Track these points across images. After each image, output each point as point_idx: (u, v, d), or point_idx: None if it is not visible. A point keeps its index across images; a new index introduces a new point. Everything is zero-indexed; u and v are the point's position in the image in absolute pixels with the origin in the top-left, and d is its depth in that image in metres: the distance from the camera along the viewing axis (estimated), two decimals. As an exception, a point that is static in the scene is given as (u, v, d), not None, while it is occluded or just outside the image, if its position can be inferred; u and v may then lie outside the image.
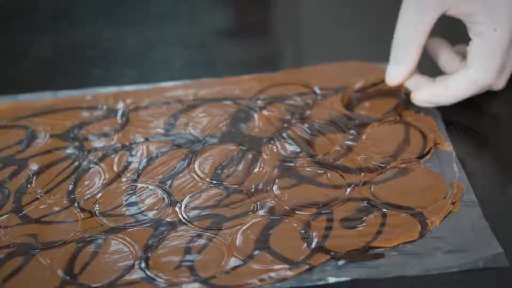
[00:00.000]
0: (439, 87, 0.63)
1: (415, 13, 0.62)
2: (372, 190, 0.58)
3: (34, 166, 0.63)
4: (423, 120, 0.64)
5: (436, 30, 0.63)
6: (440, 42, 0.66)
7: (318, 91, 0.69)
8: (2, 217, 0.58)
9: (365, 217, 0.56)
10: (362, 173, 0.60)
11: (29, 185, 0.61)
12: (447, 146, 0.62)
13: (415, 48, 0.62)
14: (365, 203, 0.57)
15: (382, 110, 0.66)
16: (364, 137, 0.64)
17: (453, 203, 0.57)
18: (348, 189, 0.59)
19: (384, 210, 0.57)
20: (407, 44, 0.63)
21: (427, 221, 0.55)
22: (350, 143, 0.63)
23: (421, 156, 0.61)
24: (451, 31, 0.66)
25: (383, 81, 0.65)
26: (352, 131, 0.64)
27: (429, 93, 0.64)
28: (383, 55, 0.66)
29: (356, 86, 0.67)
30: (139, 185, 0.60)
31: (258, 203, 0.58)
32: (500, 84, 0.66)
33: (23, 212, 0.59)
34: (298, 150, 0.63)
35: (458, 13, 0.62)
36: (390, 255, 0.53)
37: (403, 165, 0.60)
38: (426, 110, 0.65)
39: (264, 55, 0.79)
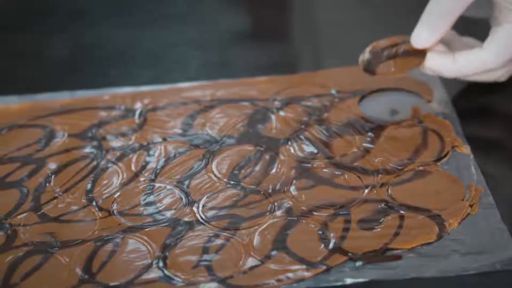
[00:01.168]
0: (448, 59, 0.63)
1: None
2: (389, 192, 0.58)
3: (52, 165, 0.63)
4: (440, 123, 0.64)
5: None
6: (455, 34, 0.66)
7: (335, 93, 0.69)
8: (21, 216, 0.58)
9: (382, 219, 0.56)
10: (380, 175, 0.60)
11: (47, 184, 0.61)
12: (465, 149, 0.62)
13: (449, 19, 0.62)
14: (382, 205, 0.57)
15: (406, 67, 0.64)
16: (381, 139, 0.64)
17: (470, 206, 0.57)
18: (366, 191, 0.59)
19: (401, 212, 0.57)
20: (443, 14, 0.62)
21: (445, 223, 0.55)
22: (367, 145, 0.63)
23: (439, 159, 0.61)
24: (468, 33, 0.67)
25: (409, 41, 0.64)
26: (369, 134, 0.64)
27: (435, 62, 0.63)
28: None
29: (382, 42, 0.65)
30: (157, 185, 0.61)
31: (276, 203, 0.58)
32: (504, 77, 0.66)
33: (42, 210, 0.59)
34: (316, 151, 0.63)
35: None
36: (408, 256, 0.53)
37: (420, 168, 0.60)
38: (444, 114, 0.65)
39: (281, 56, 0.78)
